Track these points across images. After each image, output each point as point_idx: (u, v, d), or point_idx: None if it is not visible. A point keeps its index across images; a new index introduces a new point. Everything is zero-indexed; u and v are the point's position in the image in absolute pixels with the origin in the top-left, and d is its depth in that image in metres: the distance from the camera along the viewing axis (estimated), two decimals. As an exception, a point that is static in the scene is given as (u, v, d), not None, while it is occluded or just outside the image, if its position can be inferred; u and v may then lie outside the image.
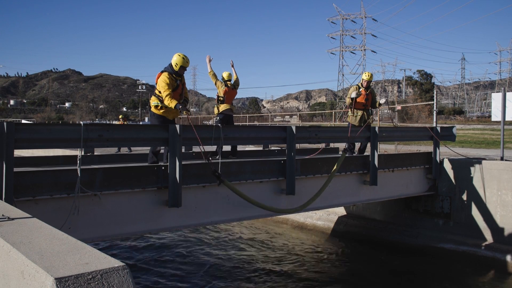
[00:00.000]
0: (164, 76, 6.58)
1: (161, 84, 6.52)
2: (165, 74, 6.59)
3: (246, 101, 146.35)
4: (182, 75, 6.79)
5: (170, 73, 6.61)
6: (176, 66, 6.64)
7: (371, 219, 11.21)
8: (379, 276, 9.02)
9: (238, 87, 9.40)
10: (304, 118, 51.09)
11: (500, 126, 10.45)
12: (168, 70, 6.66)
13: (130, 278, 1.87)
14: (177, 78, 6.67)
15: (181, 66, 6.64)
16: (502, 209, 9.05)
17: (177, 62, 6.62)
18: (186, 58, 6.68)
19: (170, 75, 6.59)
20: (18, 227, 2.65)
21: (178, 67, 6.63)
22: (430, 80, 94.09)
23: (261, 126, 9.96)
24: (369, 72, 9.67)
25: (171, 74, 6.62)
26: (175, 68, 6.64)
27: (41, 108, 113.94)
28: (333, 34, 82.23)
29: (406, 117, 36.40)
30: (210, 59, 9.01)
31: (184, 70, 6.78)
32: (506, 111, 9.89)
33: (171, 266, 9.27)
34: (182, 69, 6.71)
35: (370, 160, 8.51)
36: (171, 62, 6.69)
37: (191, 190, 6.15)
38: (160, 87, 6.54)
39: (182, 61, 6.63)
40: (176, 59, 6.64)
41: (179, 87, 6.69)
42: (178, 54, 6.69)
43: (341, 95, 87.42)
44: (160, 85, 6.55)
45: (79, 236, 2.83)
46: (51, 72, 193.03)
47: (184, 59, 6.65)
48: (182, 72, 6.74)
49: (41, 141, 5.01)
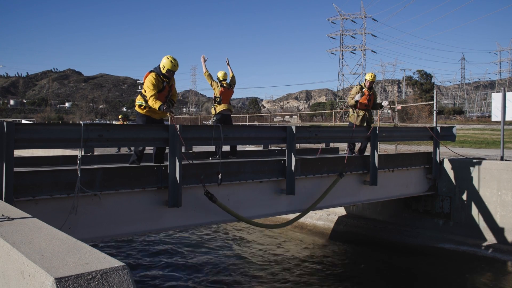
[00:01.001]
0: (151, 76, 6.46)
1: (147, 85, 6.42)
2: (152, 75, 6.48)
3: (246, 101, 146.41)
4: (170, 77, 6.65)
5: (157, 74, 6.49)
6: (163, 69, 6.48)
7: (371, 219, 11.21)
8: (379, 276, 9.02)
9: (234, 86, 9.34)
10: (304, 118, 51.09)
11: (500, 126, 10.45)
12: (156, 71, 6.54)
13: (130, 278, 1.87)
14: (164, 79, 6.54)
15: (169, 69, 6.49)
16: (502, 209, 9.05)
17: (165, 65, 6.47)
18: (174, 61, 6.51)
19: (157, 76, 6.47)
20: (18, 227, 2.65)
21: (165, 70, 6.49)
22: (430, 80, 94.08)
23: (261, 126, 9.95)
24: (372, 73, 9.68)
25: (158, 75, 6.49)
26: (162, 70, 6.50)
27: (41, 108, 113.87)
28: (333, 34, 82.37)
29: (406, 117, 36.35)
30: (205, 59, 8.96)
31: (172, 74, 6.62)
32: (506, 111, 9.89)
33: (171, 266, 9.27)
34: (170, 73, 6.55)
35: (370, 160, 8.51)
36: (160, 64, 6.57)
37: (191, 190, 6.15)
38: (146, 87, 6.44)
39: (170, 65, 6.47)
40: (164, 62, 6.49)
41: (165, 89, 6.56)
42: (167, 57, 6.53)
43: (341, 95, 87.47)
44: (146, 85, 6.45)
45: (79, 236, 2.83)
46: (51, 72, 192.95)
47: (172, 63, 6.48)
48: (170, 75, 6.58)
49: (41, 141, 5.01)
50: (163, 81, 6.52)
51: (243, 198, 6.85)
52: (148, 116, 6.61)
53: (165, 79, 6.56)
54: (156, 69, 6.59)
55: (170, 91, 6.70)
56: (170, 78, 6.63)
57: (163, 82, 6.52)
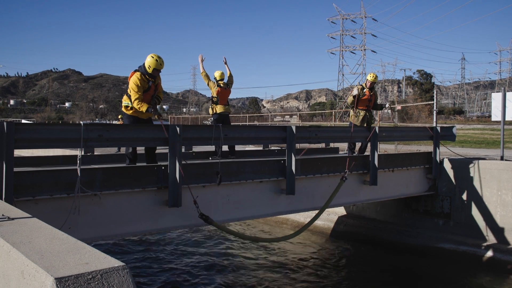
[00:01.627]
0: (136, 77, 6.25)
1: (132, 86, 6.25)
2: (137, 75, 6.27)
3: (246, 101, 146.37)
4: (156, 76, 6.48)
5: (142, 74, 6.29)
6: (149, 68, 6.28)
7: (371, 219, 11.21)
8: (379, 276, 9.02)
9: (232, 85, 9.30)
10: (304, 118, 51.03)
11: (500, 126, 10.45)
12: (141, 71, 6.35)
13: (130, 278, 1.87)
14: (149, 79, 6.37)
15: (155, 68, 6.30)
16: (502, 209, 9.04)
17: (150, 65, 6.28)
18: (160, 60, 6.31)
19: (142, 76, 6.27)
20: (18, 227, 2.65)
21: (151, 70, 6.29)
22: (430, 80, 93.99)
23: (261, 126, 9.96)
24: (374, 74, 9.71)
25: (143, 75, 6.29)
26: (148, 70, 6.31)
27: (41, 108, 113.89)
28: (333, 34, 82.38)
29: (406, 117, 36.32)
30: (203, 59, 8.93)
31: (158, 73, 6.45)
32: (506, 111, 9.89)
33: (171, 266, 9.27)
34: (156, 72, 6.36)
35: (370, 160, 8.51)
36: (144, 63, 6.35)
37: (191, 190, 6.14)
38: (131, 88, 6.27)
39: (156, 64, 6.28)
40: (149, 61, 6.29)
41: (150, 89, 6.39)
42: (151, 55, 6.33)
43: (341, 95, 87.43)
44: (131, 86, 6.28)
45: (79, 236, 2.82)
46: (51, 72, 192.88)
47: (158, 61, 6.28)
48: (156, 74, 6.40)
49: (41, 141, 5.01)
50: (148, 80, 6.35)
51: (243, 198, 6.84)
52: (135, 116, 6.47)
53: (151, 78, 6.38)
54: (141, 68, 6.38)
55: (156, 90, 6.53)
56: (155, 77, 6.47)
57: (148, 81, 6.35)
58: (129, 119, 6.52)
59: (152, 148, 6.64)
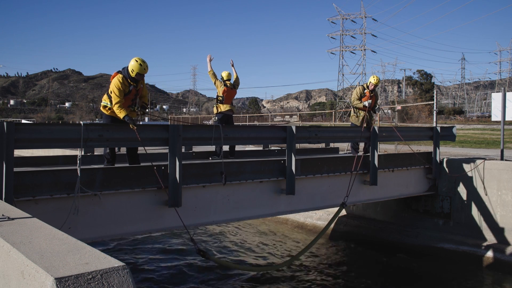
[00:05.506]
0: (117, 80, 6.04)
1: (113, 89, 6.07)
2: (119, 77, 6.05)
3: (246, 101, 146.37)
4: (139, 80, 6.28)
5: (124, 77, 6.07)
6: (132, 72, 6.07)
7: (371, 219, 11.21)
8: (379, 276, 9.02)
9: (238, 87, 9.37)
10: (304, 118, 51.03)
11: (500, 126, 10.45)
12: (123, 73, 6.11)
13: (130, 278, 1.87)
14: (131, 83, 6.17)
15: (138, 73, 6.08)
16: (502, 209, 9.04)
17: (134, 69, 6.05)
18: (144, 64, 6.11)
19: (124, 80, 6.05)
20: (18, 227, 2.65)
21: (135, 74, 6.07)
22: (430, 80, 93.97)
23: (261, 126, 9.96)
24: (377, 76, 9.83)
25: (125, 78, 6.07)
26: (131, 74, 6.07)
27: (41, 108, 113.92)
28: (333, 34, 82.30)
29: (406, 117, 36.34)
30: (211, 59, 9.05)
31: (142, 77, 6.23)
32: (506, 111, 9.89)
33: (171, 266, 9.27)
34: (139, 76, 6.14)
35: (370, 160, 8.51)
36: (128, 66, 6.14)
37: (191, 190, 6.15)
38: (112, 91, 6.11)
39: (140, 68, 6.06)
40: (133, 64, 6.07)
41: (131, 92, 6.21)
42: (135, 59, 6.12)
43: (341, 95, 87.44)
44: (111, 89, 6.12)
45: (79, 236, 2.83)
46: (51, 72, 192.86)
47: (142, 66, 6.08)
48: (139, 78, 6.17)
49: (41, 141, 5.02)
50: (130, 84, 6.16)
51: (243, 198, 6.85)
52: (112, 116, 6.30)
53: (132, 82, 6.19)
54: (124, 70, 6.20)
55: (137, 94, 6.35)
56: (138, 81, 6.28)
57: (129, 85, 6.16)
58: (107, 119, 6.38)
59: (133, 148, 6.49)
